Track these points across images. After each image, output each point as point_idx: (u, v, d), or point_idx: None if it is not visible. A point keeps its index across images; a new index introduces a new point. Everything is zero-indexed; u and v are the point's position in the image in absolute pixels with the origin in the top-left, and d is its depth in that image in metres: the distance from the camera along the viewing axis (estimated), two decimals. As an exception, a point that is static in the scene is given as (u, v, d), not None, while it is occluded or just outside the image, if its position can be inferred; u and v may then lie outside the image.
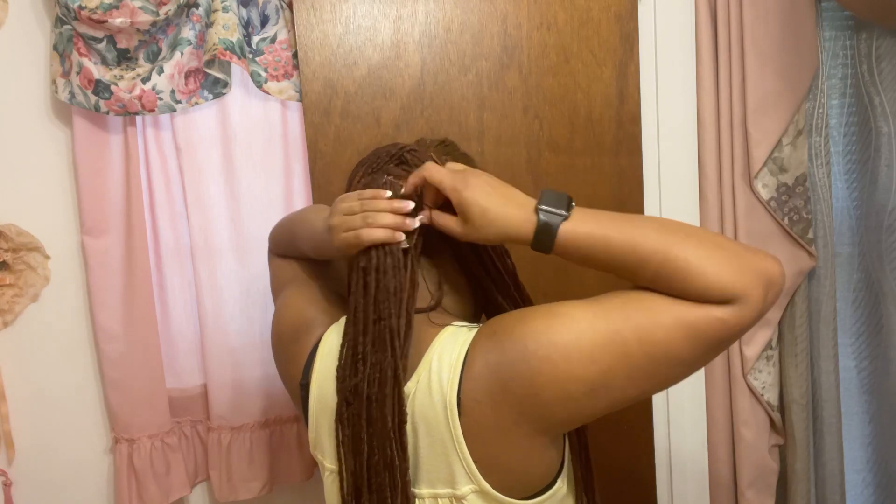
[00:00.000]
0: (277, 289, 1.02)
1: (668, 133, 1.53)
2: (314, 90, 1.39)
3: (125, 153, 1.40)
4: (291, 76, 1.41)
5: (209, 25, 1.33)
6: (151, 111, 1.33)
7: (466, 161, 0.85)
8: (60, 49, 1.32)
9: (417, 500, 0.75)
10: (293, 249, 1.00)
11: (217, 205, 1.44)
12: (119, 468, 1.46)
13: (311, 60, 1.38)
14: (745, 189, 1.48)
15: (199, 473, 1.54)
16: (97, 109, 1.31)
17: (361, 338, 0.74)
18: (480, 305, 0.87)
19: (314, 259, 1.00)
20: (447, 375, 0.72)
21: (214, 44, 1.31)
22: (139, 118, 1.40)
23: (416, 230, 0.76)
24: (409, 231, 0.75)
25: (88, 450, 1.51)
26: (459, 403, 0.71)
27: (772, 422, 1.55)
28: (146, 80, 1.31)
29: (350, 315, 0.76)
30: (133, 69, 1.33)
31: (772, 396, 1.53)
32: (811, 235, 1.49)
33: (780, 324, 1.54)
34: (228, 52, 1.31)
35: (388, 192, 0.75)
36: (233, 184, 1.44)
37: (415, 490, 0.75)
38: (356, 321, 0.75)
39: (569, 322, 0.68)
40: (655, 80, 1.52)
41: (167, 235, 1.45)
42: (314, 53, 1.38)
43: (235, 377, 1.47)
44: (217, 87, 1.39)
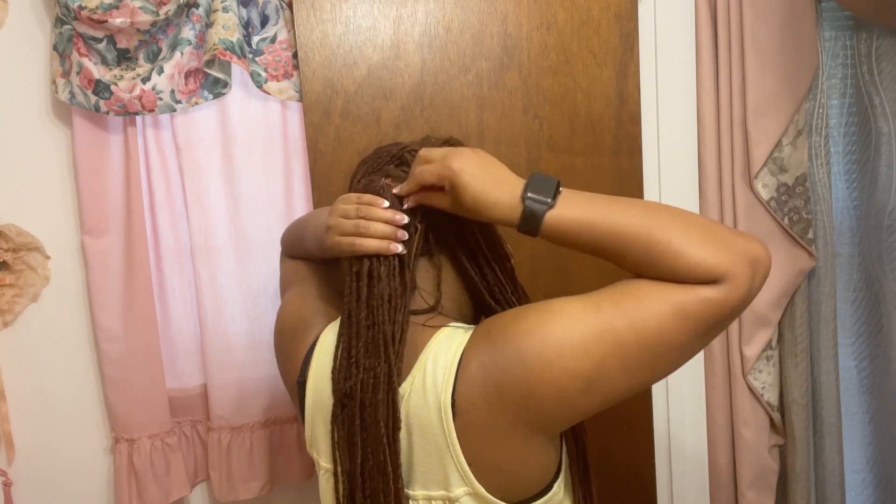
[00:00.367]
0: (285, 289, 1.03)
1: (668, 133, 1.53)
2: (314, 90, 1.39)
3: (125, 153, 1.40)
4: (291, 76, 1.41)
5: (209, 25, 1.33)
6: (151, 111, 1.33)
7: None
8: (60, 49, 1.32)
9: (412, 502, 0.75)
10: (302, 250, 1.01)
11: (217, 205, 1.44)
12: (119, 468, 1.46)
13: (311, 60, 1.38)
14: (745, 189, 1.48)
15: (199, 473, 1.54)
16: (97, 109, 1.31)
17: (355, 342, 0.75)
18: (478, 307, 0.87)
19: (322, 259, 1.00)
20: (442, 377, 0.72)
21: (214, 44, 1.31)
22: (139, 118, 1.40)
23: (417, 234, 0.77)
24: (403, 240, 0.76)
25: (88, 450, 1.51)
26: (454, 405, 0.71)
27: (772, 422, 1.55)
28: (146, 80, 1.31)
29: (344, 319, 0.77)
30: (133, 69, 1.33)
31: (772, 396, 1.53)
32: (811, 235, 1.49)
33: (780, 324, 1.54)
34: (228, 52, 1.31)
35: (386, 203, 0.76)
36: (233, 184, 1.44)
37: (409, 492, 0.75)
38: (350, 325, 0.75)
39: (560, 318, 0.68)
40: (655, 80, 1.52)
41: (167, 235, 1.45)
42: (314, 53, 1.38)
43: (235, 377, 1.47)
44: (217, 87, 1.39)
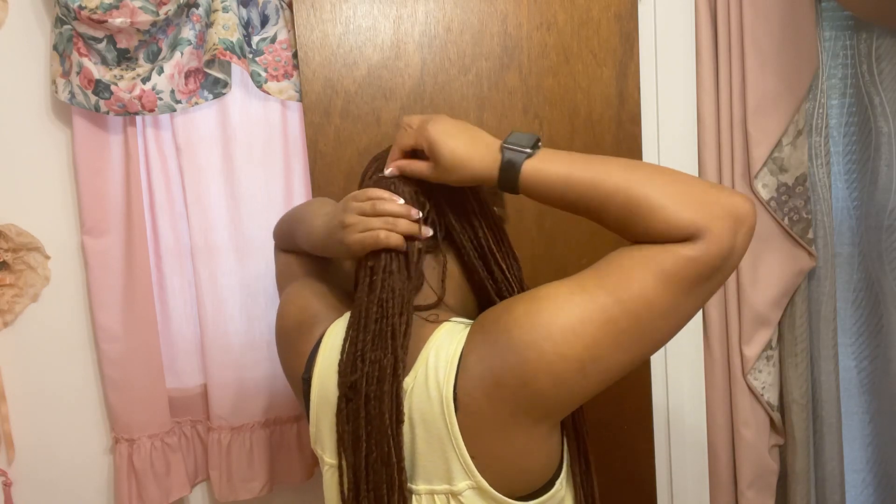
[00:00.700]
0: (283, 283, 1.03)
1: (668, 133, 1.53)
2: (314, 90, 1.39)
3: (125, 153, 1.40)
4: (291, 76, 1.41)
5: (209, 25, 1.33)
6: (151, 111, 1.33)
7: None
8: (60, 49, 1.32)
9: (414, 497, 0.76)
10: (294, 245, 1.01)
11: (217, 205, 1.44)
12: (119, 468, 1.46)
13: (311, 60, 1.38)
14: (745, 189, 1.48)
15: (199, 473, 1.54)
16: (97, 109, 1.31)
17: (362, 335, 0.76)
18: (483, 304, 0.87)
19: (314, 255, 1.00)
20: (444, 371, 0.72)
21: (214, 44, 1.31)
22: (139, 118, 1.40)
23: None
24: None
25: (88, 450, 1.51)
26: (456, 399, 0.71)
27: (772, 422, 1.55)
28: (146, 80, 1.31)
29: (354, 312, 0.78)
30: (133, 69, 1.33)
31: (772, 396, 1.53)
32: (811, 235, 1.49)
33: (780, 324, 1.54)
34: (228, 52, 1.31)
35: (401, 200, 0.77)
36: (233, 184, 1.44)
37: (412, 486, 0.75)
38: (359, 318, 0.77)
39: (548, 304, 0.69)
40: (655, 80, 1.52)
41: (167, 235, 1.45)
42: (314, 53, 1.38)
43: (235, 377, 1.47)
44: (217, 87, 1.39)
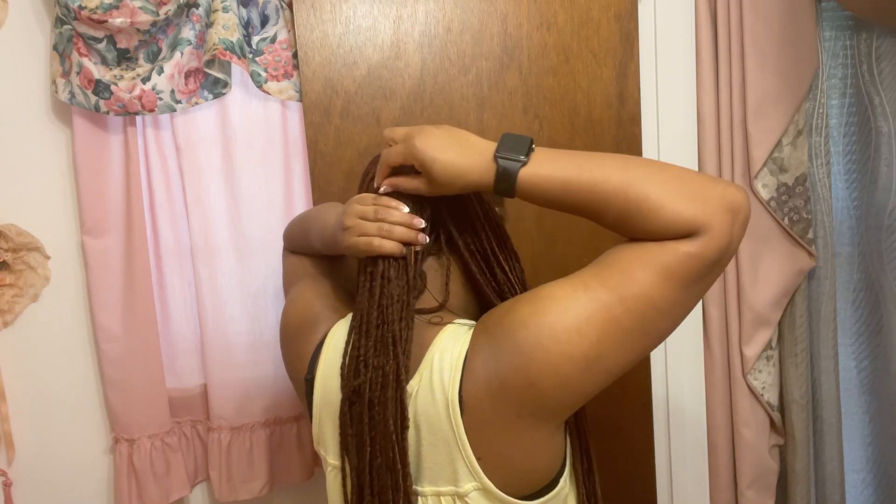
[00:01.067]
0: (289, 285, 1.03)
1: (668, 133, 1.53)
2: (314, 90, 1.39)
3: (125, 153, 1.40)
4: (291, 76, 1.41)
5: (209, 25, 1.33)
6: (151, 111, 1.33)
7: None
8: (60, 49, 1.32)
9: (420, 498, 0.76)
10: (306, 246, 1.01)
11: (217, 205, 1.44)
12: (119, 468, 1.46)
13: (311, 60, 1.38)
14: (745, 189, 1.48)
15: (199, 473, 1.54)
16: (97, 109, 1.31)
17: (364, 340, 0.76)
18: (486, 305, 0.87)
19: (325, 255, 1.01)
20: (448, 374, 0.72)
21: (214, 44, 1.31)
22: (139, 118, 1.40)
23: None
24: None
25: (88, 450, 1.51)
26: (461, 401, 0.71)
27: (772, 422, 1.55)
28: (146, 80, 1.31)
29: (355, 317, 0.78)
30: (133, 69, 1.33)
31: (772, 396, 1.53)
32: (811, 235, 1.49)
33: (780, 324, 1.54)
34: (228, 52, 1.31)
35: (405, 207, 0.77)
36: (233, 184, 1.44)
37: (417, 488, 0.76)
38: (360, 323, 0.77)
39: (551, 303, 0.68)
40: (655, 80, 1.52)
41: (167, 235, 1.45)
42: (314, 53, 1.38)
43: (235, 377, 1.47)
44: (217, 87, 1.39)
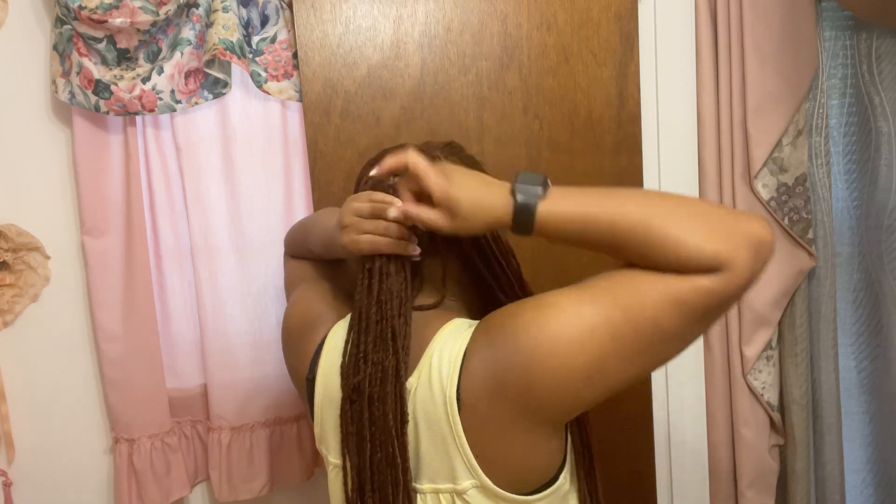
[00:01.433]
0: (290, 288, 1.04)
1: (668, 133, 1.53)
2: (314, 90, 1.39)
3: (125, 153, 1.40)
4: (291, 76, 1.41)
5: (209, 25, 1.33)
6: (151, 111, 1.33)
7: (473, 163, 0.87)
8: (60, 49, 1.32)
9: (419, 496, 0.76)
10: (306, 250, 1.02)
11: (217, 205, 1.44)
12: (119, 468, 1.46)
13: (311, 60, 1.38)
14: (745, 189, 1.48)
15: (199, 473, 1.54)
16: (97, 109, 1.31)
17: (364, 336, 0.76)
18: (485, 304, 0.88)
19: (325, 259, 1.02)
20: (447, 371, 0.73)
21: (214, 44, 1.31)
22: (139, 118, 1.40)
23: (417, 236, 0.78)
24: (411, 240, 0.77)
25: (88, 450, 1.51)
26: (459, 399, 0.71)
27: (772, 422, 1.55)
28: (146, 80, 1.31)
29: (354, 314, 0.78)
30: (133, 69, 1.33)
31: (772, 396, 1.53)
32: (811, 235, 1.49)
33: (780, 324, 1.53)
34: (228, 52, 1.31)
35: (400, 202, 0.76)
36: (233, 184, 1.44)
37: (416, 485, 0.76)
38: (360, 320, 0.77)
39: (556, 312, 0.68)
40: (655, 80, 1.52)
41: (167, 235, 1.45)
42: (314, 53, 1.38)
43: (235, 377, 1.47)
44: (217, 87, 1.39)
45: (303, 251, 1.04)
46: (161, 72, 1.31)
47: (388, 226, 0.76)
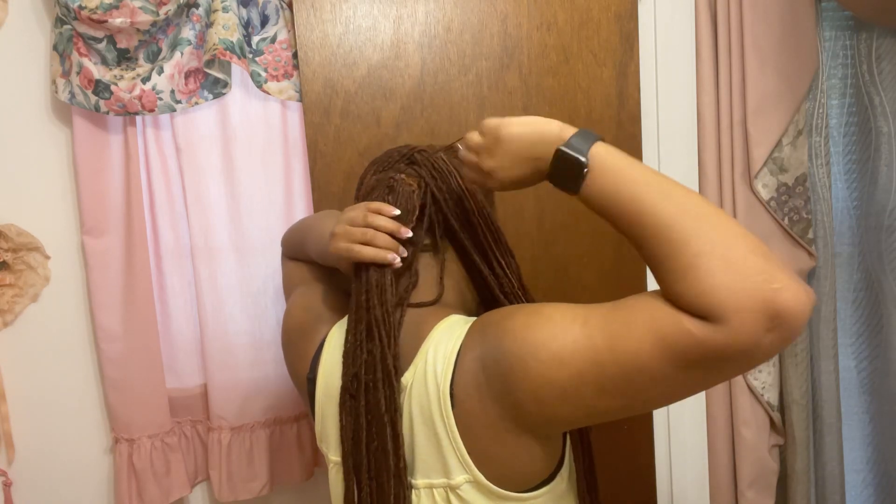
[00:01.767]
0: (289, 289, 1.05)
1: (668, 133, 1.53)
2: (314, 90, 1.39)
3: (125, 153, 1.40)
4: (291, 76, 1.41)
5: (209, 25, 1.33)
6: (151, 111, 1.33)
7: None
8: (60, 49, 1.32)
9: (413, 491, 0.76)
10: (302, 254, 1.03)
11: (217, 205, 1.44)
12: (119, 468, 1.46)
13: (311, 60, 1.38)
14: (745, 189, 1.48)
15: (199, 473, 1.54)
16: (97, 109, 1.31)
17: (358, 326, 0.78)
18: (485, 304, 0.88)
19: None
20: (441, 366, 0.73)
21: (214, 44, 1.31)
22: (139, 118, 1.40)
23: (421, 228, 0.79)
24: (404, 243, 0.79)
25: (88, 450, 1.51)
26: (453, 395, 0.72)
27: (772, 422, 1.55)
28: (146, 80, 1.31)
29: (351, 305, 0.79)
30: (133, 69, 1.33)
31: (772, 396, 1.53)
32: (811, 235, 1.49)
33: (780, 324, 1.53)
34: (228, 52, 1.31)
35: (396, 210, 0.77)
36: (233, 184, 1.44)
37: (411, 480, 0.76)
38: (356, 310, 0.78)
39: (546, 323, 0.67)
40: (655, 80, 1.52)
41: (167, 235, 1.45)
42: (314, 53, 1.38)
43: (235, 377, 1.47)
44: (217, 87, 1.39)
45: (299, 254, 1.04)
46: (161, 72, 1.31)
47: (375, 234, 0.77)
